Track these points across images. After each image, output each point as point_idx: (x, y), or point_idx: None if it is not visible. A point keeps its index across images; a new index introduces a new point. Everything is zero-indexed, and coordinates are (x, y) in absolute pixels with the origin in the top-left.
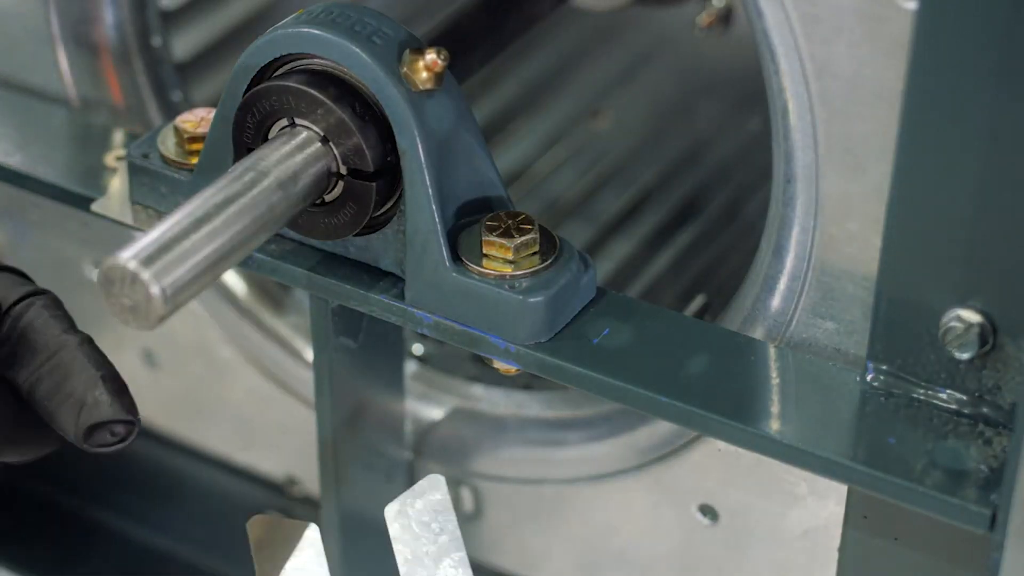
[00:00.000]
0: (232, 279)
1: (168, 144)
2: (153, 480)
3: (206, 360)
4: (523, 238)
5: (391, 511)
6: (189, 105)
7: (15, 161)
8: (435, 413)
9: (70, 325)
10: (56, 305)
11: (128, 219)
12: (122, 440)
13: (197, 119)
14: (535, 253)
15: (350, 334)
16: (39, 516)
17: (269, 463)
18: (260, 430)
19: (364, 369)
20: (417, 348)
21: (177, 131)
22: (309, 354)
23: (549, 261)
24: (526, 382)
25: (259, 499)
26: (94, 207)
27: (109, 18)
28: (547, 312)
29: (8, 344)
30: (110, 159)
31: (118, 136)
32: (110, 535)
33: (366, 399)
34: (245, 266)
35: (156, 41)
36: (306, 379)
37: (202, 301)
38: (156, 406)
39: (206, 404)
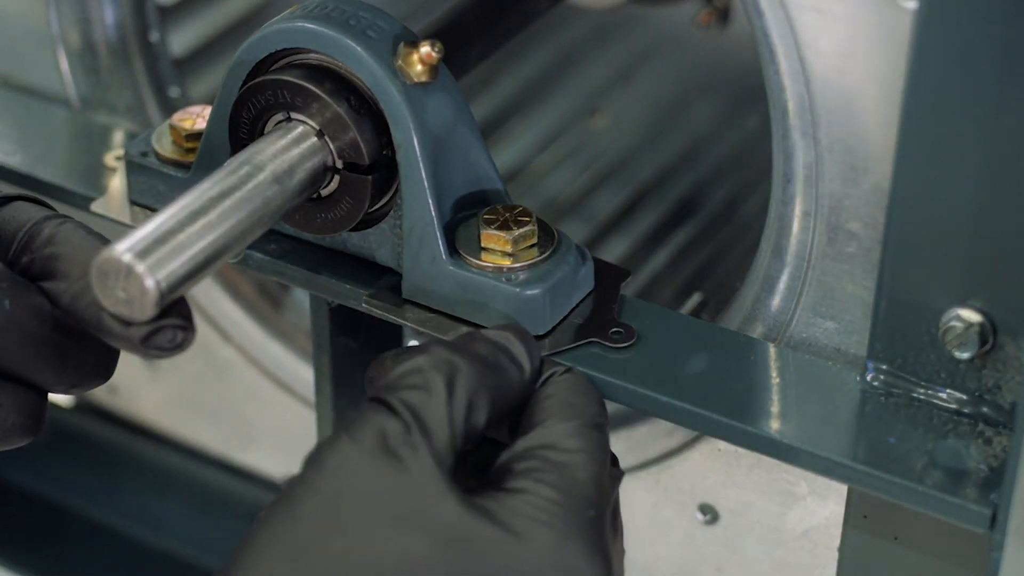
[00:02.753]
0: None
1: (165, 142)
2: (153, 480)
3: (206, 360)
4: (521, 230)
5: None
6: (187, 101)
7: (15, 161)
8: None
9: (108, 241)
10: (87, 227)
11: (128, 219)
12: (179, 345)
13: (193, 116)
14: (533, 245)
15: (350, 334)
16: (39, 516)
17: (269, 463)
18: (260, 430)
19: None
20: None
21: (174, 129)
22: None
23: (547, 253)
24: None
25: (259, 499)
26: (94, 207)
27: (109, 17)
28: (544, 305)
29: (41, 257)
30: (110, 159)
31: (118, 136)
32: (110, 535)
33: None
34: (244, 265)
35: (154, 37)
36: (306, 379)
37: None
38: (156, 406)
39: (206, 404)
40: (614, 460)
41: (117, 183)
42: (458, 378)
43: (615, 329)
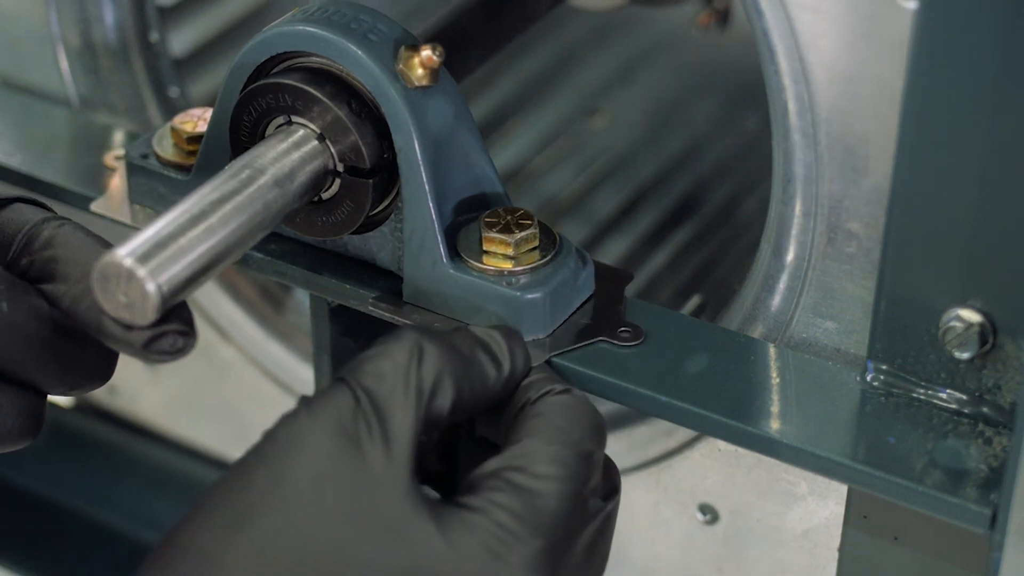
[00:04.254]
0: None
1: (165, 144)
2: (153, 480)
3: (206, 360)
4: (523, 233)
5: None
6: (187, 101)
7: (15, 161)
8: None
9: (107, 243)
10: (86, 229)
11: (127, 219)
12: (181, 350)
13: (195, 119)
14: (535, 248)
15: (350, 334)
16: (39, 516)
17: None
18: (260, 431)
19: None
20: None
21: (175, 131)
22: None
23: (548, 257)
24: None
25: None
26: (93, 207)
27: (109, 17)
28: (545, 308)
29: (40, 259)
30: (110, 159)
31: (118, 136)
32: (110, 535)
33: None
34: (244, 265)
35: (154, 37)
36: (307, 379)
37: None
38: (156, 406)
39: (206, 404)
40: (612, 490)
41: (117, 183)
42: (424, 360)
43: (623, 328)
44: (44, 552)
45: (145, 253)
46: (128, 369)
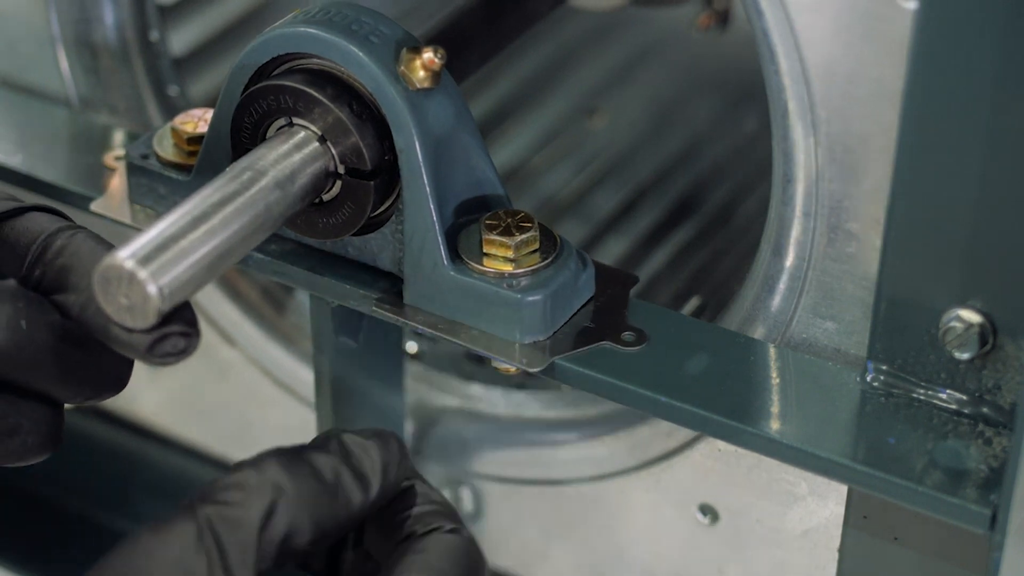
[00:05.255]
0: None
1: (166, 145)
2: (154, 481)
3: (207, 361)
4: (523, 236)
5: None
6: (187, 101)
7: (15, 161)
8: (432, 412)
9: None
10: (99, 237)
11: (127, 219)
12: (183, 351)
13: (195, 120)
14: (535, 251)
15: (350, 334)
16: (39, 516)
17: None
18: (261, 431)
19: (364, 369)
20: (411, 346)
21: (175, 132)
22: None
23: (549, 259)
24: (520, 381)
25: None
26: (93, 207)
27: (109, 17)
28: (545, 310)
29: (52, 269)
30: (110, 159)
31: (118, 136)
32: (110, 535)
33: (366, 399)
34: (244, 266)
35: (154, 35)
36: (307, 380)
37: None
38: (157, 407)
39: (206, 404)
40: None
41: (117, 183)
42: (280, 504)
43: (627, 332)
44: (43, 552)
45: (146, 255)
46: None
